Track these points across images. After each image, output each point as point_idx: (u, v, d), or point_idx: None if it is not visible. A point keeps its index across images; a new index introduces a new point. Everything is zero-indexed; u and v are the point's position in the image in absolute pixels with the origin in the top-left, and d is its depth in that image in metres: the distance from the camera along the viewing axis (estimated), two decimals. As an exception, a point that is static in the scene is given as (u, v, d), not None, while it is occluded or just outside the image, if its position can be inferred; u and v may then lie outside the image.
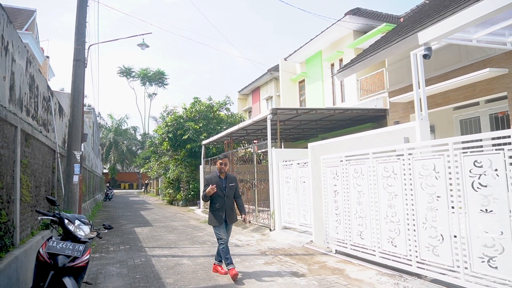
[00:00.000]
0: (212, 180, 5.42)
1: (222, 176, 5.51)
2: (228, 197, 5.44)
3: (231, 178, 5.60)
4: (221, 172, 5.49)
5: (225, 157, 5.51)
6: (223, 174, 5.51)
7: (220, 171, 5.49)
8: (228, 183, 5.48)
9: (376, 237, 5.55)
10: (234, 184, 5.55)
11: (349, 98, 14.72)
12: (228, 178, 5.55)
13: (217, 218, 5.34)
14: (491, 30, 5.18)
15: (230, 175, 5.61)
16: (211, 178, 5.49)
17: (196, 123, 19.26)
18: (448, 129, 8.87)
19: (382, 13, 16.53)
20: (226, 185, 5.46)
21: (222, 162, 5.48)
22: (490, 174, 3.87)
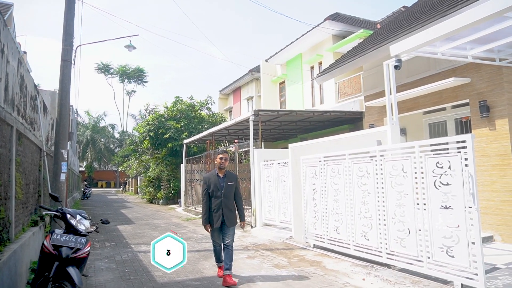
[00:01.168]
0: (210, 178, 5.07)
1: (221, 173, 5.11)
2: (226, 197, 4.99)
3: (231, 176, 5.19)
4: (221, 168, 5.10)
5: (225, 152, 5.15)
6: (223, 171, 5.11)
7: (220, 167, 5.10)
8: (227, 182, 5.06)
9: (351, 232, 6.03)
10: (233, 182, 5.13)
11: (328, 100, 15.27)
12: (228, 176, 5.13)
13: (214, 220, 4.93)
14: (454, 45, 5.75)
15: (230, 173, 5.22)
16: (209, 177, 5.12)
17: (177, 122, 19.41)
18: (418, 131, 9.52)
19: (360, 19, 17.20)
20: (225, 183, 5.04)
21: (222, 157, 5.09)
22: (450, 174, 4.39)
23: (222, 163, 5.10)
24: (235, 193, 5.15)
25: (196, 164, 16.51)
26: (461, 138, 4.31)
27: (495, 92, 6.83)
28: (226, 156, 5.17)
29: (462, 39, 5.50)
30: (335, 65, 10.82)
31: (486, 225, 6.69)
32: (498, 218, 6.62)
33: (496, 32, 5.36)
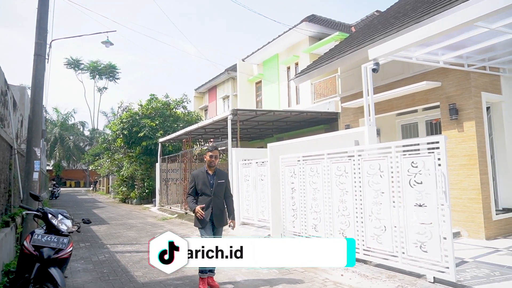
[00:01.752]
0: (199, 176, 4.78)
1: (211, 171, 4.83)
2: (216, 195, 4.74)
3: (221, 174, 4.92)
4: (210, 166, 4.81)
5: (215, 149, 4.85)
6: (212, 169, 4.83)
7: (210, 165, 4.80)
8: (217, 180, 4.80)
9: (329, 229, 6.19)
10: (224, 181, 4.88)
11: (304, 100, 15.52)
12: (218, 174, 4.86)
13: (201, 220, 4.66)
14: (427, 50, 6.05)
15: (220, 171, 4.94)
16: (198, 174, 4.82)
17: (152, 121, 19.10)
18: (392, 132, 9.88)
19: (336, 21, 17.58)
20: (214, 181, 4.78)
21: (212, 154, 4.78)
22: (424, 173, 4.62)
23: (212, 161, 4.78)
24: (225, 192, 4.90)
25: (171, 163, 16.34)
26: (435, 139, 4.55)
27: (463, 96, 7.21)
28: (216, 154, 4.83)
29: (435, 45, 5.79)
30: (313, 67, 11.02)
31: (454, 221, 7.05)
32: (465, 215, 7.00)
33: (466, 40, 5.69)
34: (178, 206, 14.82)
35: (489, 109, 7.72)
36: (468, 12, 4.66)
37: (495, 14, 4.47)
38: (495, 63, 7.16)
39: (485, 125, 7.21)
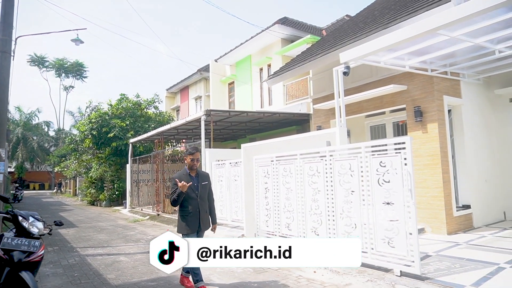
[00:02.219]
0: (182, 178, 4.50)
1: (193, 173, 4.63)
2: (202, 198, 4.58)
3: (204, 176, 4.76)
4: (192, 169, 4.61)
5: (196, 151, 4.65)
6: (194, 171, 4.64)
7: (191, 168, 4.60)
8: (201, 182, 4.63)
9: (302, 228, 6.35)
10: (207, 182, 4.73)
11: (276, 101, 15.72)
12: (200, 175, 4.69)
13: (190, 225, 4.46)
14: (395, 55, 6.35)
15: (202, 172, 4.77)
16: (180, 176, 4.54)
17: (122, 121, 18.68)
18: (361, 133, 10.23)
19: (307, 24, 17.93)
20: (199, 184, 4.59)
21: (193, 157, 4.58)
22: (391, 172, 4.86)
23: (194, 164, 4.60)
24: (208, 194, 4.75)
25: (143, 164, 16.06)
26: (401, 140, 4.80)
27: (427, 99, 7.60)
28: (198, 156, 4.65)
29: (401, 50, 6.09)
30: (285, 69, 11.22)
31: (418, 218, 7.40)
32: (429, 211, 7.39)
33: (429, 46, 6.02)
34: (150, 208, 14.60)
35: (450, 112, 8.18)
36: (431, 21, 4.95)
37: (454, 23, 4.78)
38: (456, 69, 7.60)
39: (447, 127, 7.64)
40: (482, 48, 6.23)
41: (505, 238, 6.66)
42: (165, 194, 13.24)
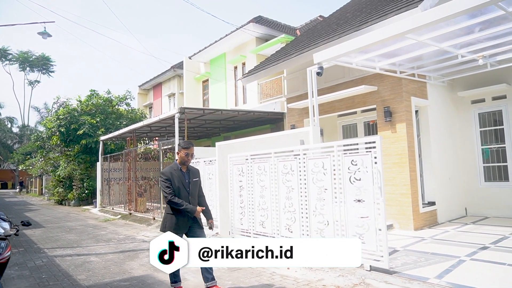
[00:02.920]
0: (173, 174, 4.26)
1: (184, 169, 4.39)
2: (192, 195, 4.35)
3: (194, 172, 4.50)
4: (184, 164, 4.36)
5: (191, 145, 4.39)
6: (185, 167, 4.40)
7: (183, 163, 4.35)
8: (192, 178, 4.41)
9: (276, 225, 6.45)
10: (197, 179, 4.51)
11: (250, 100, 15.78)
12: (191, 172, 4.44)
13: (178, 224, 4.20)
14: (366, 57, 6.55)
15: (192, 168, 4.51)
16: (171, 172, 4.28)
17: (93, 118, 18.16)
18: (333, 132, 10.48)
19: (282, 24, 18.09)
20: (190, 180, 4.37)
21: (188, 152, 4.31)
22: (362, 171, 5.03)
23: (188, 159, 4.33)
24: (199, 191, 4.53)
25: (114, 162, 15.70)
26: (372, 139, 4.97)
27: (396, 100, 7.89)
28: (193, 151, 4.40)
29: (372, 52, 6.30)
30: (260, 67, 11.28)
31: (387, 214, 7.66)
32: (397, 208, 7.68)
33: (398, 49, 6.26)
34: (122, 207, 14.29)
35: (418, 113, 8.52)
36: (399, 25, 5.15)
37: (421, 28, 5.00)
38: (423, 71, 7.94)
39: (414, 127, 7.97)
40: (446, 52, 6.54)
41: (466, 233, 7.04)
42: (138, 193, 13.01)
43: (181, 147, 4.35)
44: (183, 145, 4.34)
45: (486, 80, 8.61)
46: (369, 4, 10.09)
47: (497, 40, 6.01)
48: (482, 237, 6.47)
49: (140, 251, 6.99)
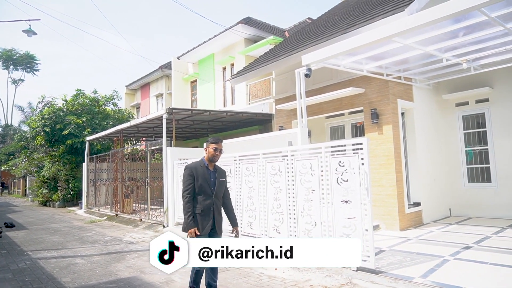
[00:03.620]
0: (198, 170, 3.89)
1: (211, 167, 4.02)
2: (217, 196, 3.95)
3: (222, 172, 4.11)
4: (212, 161, 3.99)
5: (220, 141, 4.04)
6: (212, 164, 4.03)
7: (211, 160, 3.98)
8: (219, 178, 4.02)
9: (264, 226, 6.47)
10: (224, 179, 4.10)
11: (239, 101, 15.78)
12: (218, 171, 4.06)
13: (201, 225, 3.81)
14: (354, 59, 6.63)
15: (219, 168, 4.13)
16: (196, 167, 3.92)
17: (79, 118, 17.87)
18: (321, 134, 10.56)
19: (270, 25, 18.16)
20: (216, 180, 3.99)
21: (217, 147, 3.96)
22: (349, 172, 5.08)
23: (216, 155, 3.97)
24: (224, 193, 4.13)
25: (101, 163, 15.49)
26: (359, 141, 5.04)
27: (382, 102, 8.00)
28: (221, 147, 4.04)
29: (360, 55, 6.38)
30: (249, 69, 11.30)
31: (374, 215, 7.74)
32: (383, 209, 7.79)
33: (385, 52, 6.36)
34: (108, 208, 14.10)
35: (404, 115, 8.66)
36: (386, 29, 5.24)
37: (407, 32, 5.09)
38: (409, 74, 8.08)
39: (400, 129, 8.09)
40: (431, 55, 6.67)
41: (450, 233, 7.18)
42: (124, 194, 12.87)
43: (209, 142, 4.00)
44: (211, 140, 4.00)
45: (469, 84, 8.81)
46: (357, 7, 10.22)
47: (480, 45, 6.16)
48: (466, 237, 6.61)
49: (126, 253, 6.91)
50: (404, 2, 7.05)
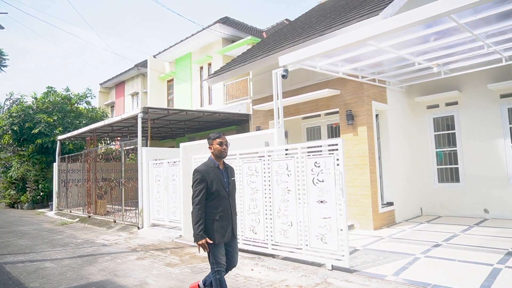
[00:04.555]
0: (210, 172, 3.50)
1: (221, 165, 3.67)
2: (232, 197, 3.67)
3: (231, 170, 3.79)
4: (220, 157, 3.63)
5: (221, 134, 3.71)
6: (222, 162, 3.68)
7: (219, 156, 3.62)
8: (230, 177, 3.70)
9: (240, 227, 6.44)
10: (234, 178, 3.78)
11: (216, 101, 15.70)
12: (229, 169, 3.73)
13: (220, 231, 3.47)
14: (330, 61, 6.72)
15: (229, 165, 3.78)
16: (207, 170, 3.51)
17: (49, 116, 17.26)
18: (298, 134, 10.65)
19: (248, 25, 18.16)
20: (229, 179, 3.65)
21: (221, 141, 3.61)
22: (325, 172, 5.15)
23: (224, 150, 3.61)
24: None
25: (73, 163, 15.02)
26: (334, 142, 5.11)
27: (357, 104, 8.16)
28: (226, 140, 3.68)
29: (336, 57, 6.47)
30: (226, 68, 11.26)
31: (349, 215, 7.93)
32: (358, 209, 7.94)
33: (360, 55, 6.47)
34: (80, 210, 13.70)
35: (378, 116, 8.86)
36: (361, 32, 5.34)
37: (381, 36, 5.21)
38: (383, 77, 8.27)
39: (375, 130, 8.27)
40: (404, 59, 6.85)
41: (421, 231, 7.41)
42: (98, 195, 12.53)
43: (212, 139, 3.65)
44: (213, 136, 3.65)
45: (440, 87, 9.12)
46: (333, 10, 10.38)
47: (450, 50, 6.38)
48: (435, 235, 6.84)
49: (99, 256, 6.73)
50: (379, 7, 7.21)
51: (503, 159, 8.30)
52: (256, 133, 6.99)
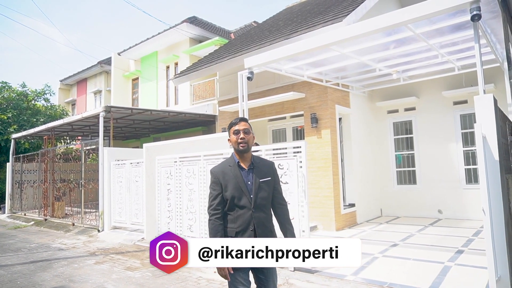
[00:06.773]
0: (227, 173, 2.60)
1: (245, 163, 2.64)
2: (259, 206, 2.55)
3: (264, 167, 2.68)
4: (242, 151, 2.60)
5: (240, 120, 2.66)
6: (245, 158, 2.64)
7: (239, 150, 2.60)
8: (258, 177, 2.60)
9: (204, 229, 6.39)
10: (270, 178, 2.65)
11: (182, 101, 15.47)
12: (257, 167, 2.64)
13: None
14: (295, 65, 6.83)
15: (260, 161, 2.72)
16: (224, 170, 2.62)
17: (3, 113, 16.29)
18: (264, 137, 10.72)
19: (216, 26, 18.07)
20: (254, 180, 2.58)
21: (238, 129, 2.61)
22: (289, 174, 5.22)
23: (242, 140, 2.59)
24: (273, 197, 2.68)
25: (28, 163, 14.25)
26: (298, 144, 5.19)
27: (321, 107, 8.34)
28: (248, 127, 2.65)
29: (301, 61, 6.59)
30: (192, 68, 11.13)
31: (312, 216, 8.08)
32: (321, 210, 8.11)
33: (324, 59, 6.63)
34: (36, 212, 13.01)
35: (341, 120, 9.10)
36: (325, 37, 5.46)
37: (344, 41, 5.36)
38: (346, 81, 8.51)
39: (338, 133, 8.49)
40: (366, 65, 7.09)
41: (380, 232, 7.68)
42: (55, 197, 11.96)
43: (228, 128, 2.72)
44: (230, 124, 2.69)
45: (399, 93, 9.52)
46: (300, 14, 10.56)
47: (408, 57, 6.68)
48: (393, 235, 7.11)
49: (55, 261, 6.42)
50: (343, 13, 7.42)
51: (456, 162, 8.78)
52: (222, 134, 6.97)
